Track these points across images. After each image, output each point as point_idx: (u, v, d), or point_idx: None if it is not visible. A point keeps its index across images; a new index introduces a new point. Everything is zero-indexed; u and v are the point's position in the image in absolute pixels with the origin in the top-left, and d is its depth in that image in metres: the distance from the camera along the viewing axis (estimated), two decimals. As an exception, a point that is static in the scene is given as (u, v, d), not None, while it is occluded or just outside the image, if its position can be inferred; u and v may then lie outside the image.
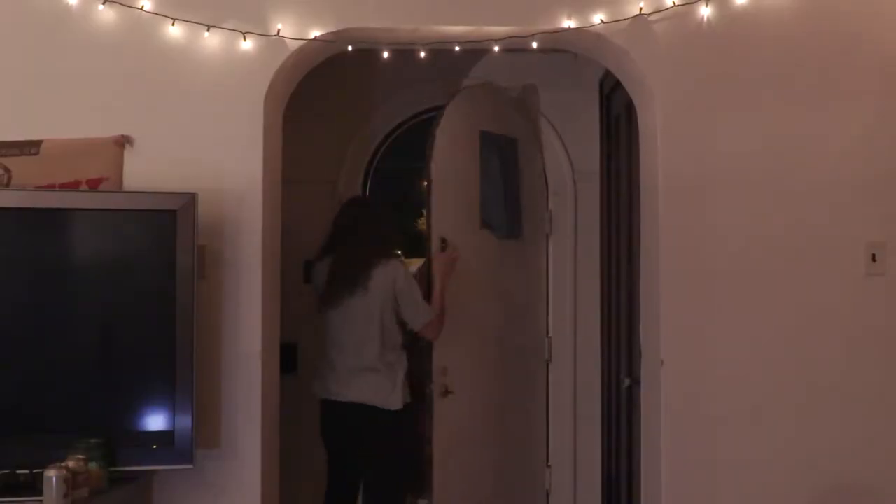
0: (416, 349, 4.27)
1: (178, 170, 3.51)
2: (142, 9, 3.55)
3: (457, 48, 3.74)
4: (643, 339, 3.85)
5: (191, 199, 3.37)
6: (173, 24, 3.54)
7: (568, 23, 3.58)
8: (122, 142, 3.55)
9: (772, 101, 3.60)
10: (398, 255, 4.51)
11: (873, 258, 3.57)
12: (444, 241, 4.24)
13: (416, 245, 5.48)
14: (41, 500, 3.02)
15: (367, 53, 3.85)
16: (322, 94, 4.71)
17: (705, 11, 3.57)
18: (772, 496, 3.57)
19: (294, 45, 3.58)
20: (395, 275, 4.05)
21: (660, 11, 3.57)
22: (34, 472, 3.13)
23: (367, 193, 5.26)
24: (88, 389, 3.38)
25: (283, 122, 3.91)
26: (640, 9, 3.56)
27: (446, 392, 4.14)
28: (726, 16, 3.57)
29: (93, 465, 3.15)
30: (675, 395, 3.58)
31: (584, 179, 5.18)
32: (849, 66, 3.60)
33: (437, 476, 4.12)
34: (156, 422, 3.37)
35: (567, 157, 5.19)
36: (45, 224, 3.39)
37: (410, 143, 5.77)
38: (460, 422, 4.39)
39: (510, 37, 3.66)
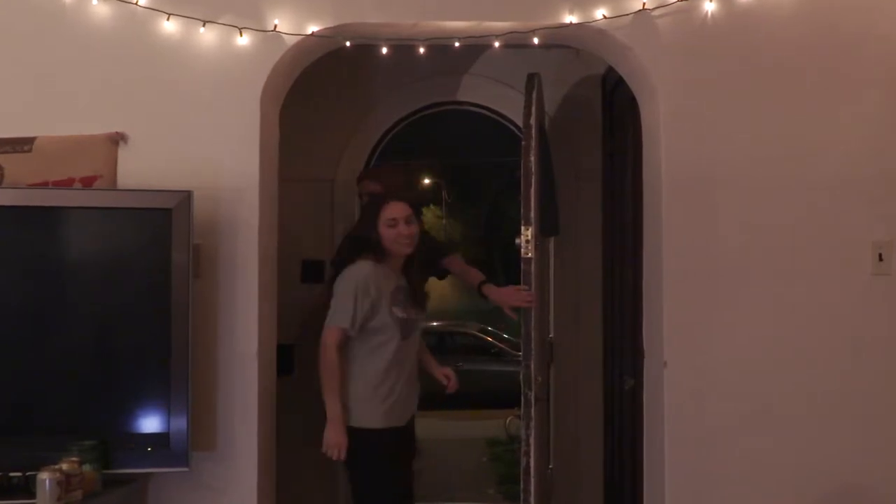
0: None
1: (173, 167, 3.48)
2: (136, 3, 3.51)
3: (457, 44, 3.71)
4: (646, 340, 3.81)
5: (186, 197, 3.33)
6: (168, 19, 3.51)
7: (570, 18, 3.55)
8: (116, 139, 3.52)
9: (776, 98, 3.56)
10: None
11: (880, 257, 3.54)
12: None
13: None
14: (34, 503, 2.98)
15: (365, 49, 3.81)
16: (320, 90, 4.68)
17: (709, 7, 3.53)
18: (776, 498, 3.53)
19: (291, 41, 3.55)
20: None
21: (663, 7, 3.54)
22: (27, 474, 3.10)
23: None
24: (82, 390, 3.35)
25: (280, 118, 3.88)
26: (644, 4, 3.53)
27: (537, 399, 4.00)
28: (730, 11, 3.54)
29: (87, 468, 3.13)
30: (678, 396, 3.54)
31: (586, 177, 5.15)
32: (854, 62, 3.57)
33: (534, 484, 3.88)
34: (151, 423, 3.33)
35: (569, 154, 5.16)
36: (39, 223, 3.36)
37: (410, 141, 5.75)
38: (545, 428, 4.31)
39: (511, 32, 3.63)
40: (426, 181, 19.71)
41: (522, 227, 3.74)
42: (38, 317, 3.33)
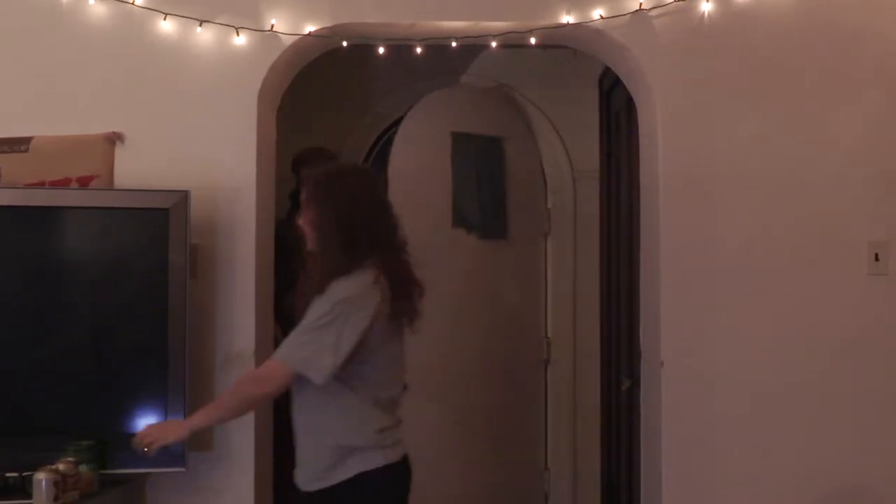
0: None
1: (170, 167, 3.47)
2: (133, 3, 3.50)
3: (454, 44, 3.70)
4: (643, 340, 3.81)
5: (183, 197, 3.32)
6: (165, 18, 3.50)
7: (567, 18, 3.54)
8: (114, 138, 3.51)
9: (773, 98, 3.55)
10: None
11: (876, 257, 3.53)
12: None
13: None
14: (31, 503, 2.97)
15: (364, 48, 3.81)
16: (317, 90, 4.68)
17: (706, 7, 3.53)
18: (775, 497, 3.52)
19: (288, 41, 3.54)
20: None
21: (660, 7, 3.53)
22: (24, 474, 3.09)
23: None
24: (79, 390, 3.33)
25: (277, 118, 3.87)
26: (640, 4, 3.52)
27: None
28: (727, 11, 3.53)
29: (83, 468, 3.11)
30: (675, 396, 3.54)
31: (583, 177, 5.17)
32: (852, 61, 3.56)
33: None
34: (148, 423, 3.31)
35: (566, 155, 5.17)
36: (36, 223, 3.34)
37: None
38: (424, 419, 4.41)
39: (508, 32, 3.62)
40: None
41: None
42: (34, 317, 3.32)
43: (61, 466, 3.02)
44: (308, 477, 2.86)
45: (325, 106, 5.00)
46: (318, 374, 2.73)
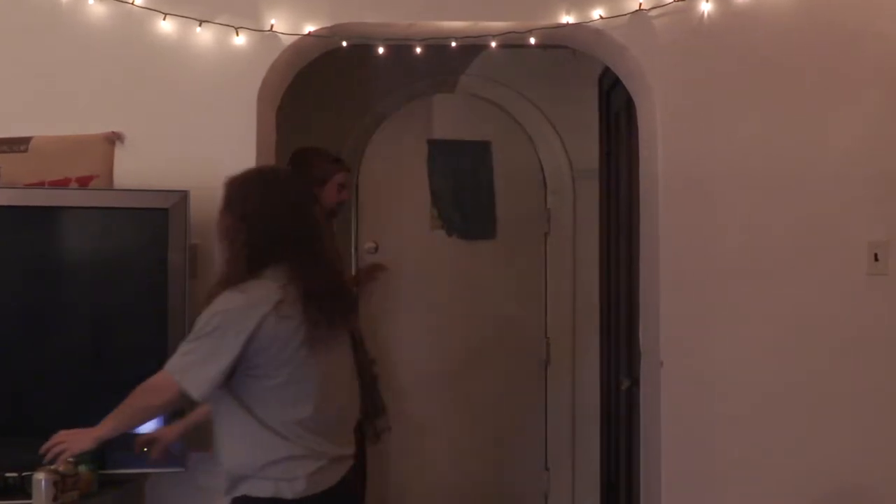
0: None
1: (169, 167, 3.46)
2: (133, 3, 3.50)
3: (453, 44, 3.70)
4: (643, 340, 3.81)
5: (182, 197, 3.32)
6: (164, 18, 3.50)
7: (567, 18, 3.54)
8: (113, 138, 3.51)
9: (773, 98, 3.55)
10: None
11: (875, 257, 3.53)
12: (374, 243, 4.42)
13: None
14: (30, 504, 2.97)
15: (363, 48, 3.81)
16: (317, 90, 4.68)
17: (706, 7, 3.53)
18: (775, 498, 3.52)
19: (288, 41, 3.54)
20: None
21: (660, 7, 3.53)
22: (23, 474, 3.09)
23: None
24: (78, 390, 3.32)
25: (277, 118, 3.87)
26: (640, 4, 3.52)
27: (375, 378, 4.08)
28: (727, 11, 3.53)
29: (83, 468, 3.10)
30: (674, 396, 3.54)
31: (583, 177, 5.17)
32: (852, 61, 3.56)
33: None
34: (147, 423, 3.30)
35: (566, 155, 5.17)
36: (35, 223, 3.33)
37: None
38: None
39: (508, 32, 3.62)
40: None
41: None
42: (34, 317, 3.32)
43: (61, 467, 3.01)
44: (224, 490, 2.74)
45: (325, 106, 5.00)
46: (195, 389, 2.59)
